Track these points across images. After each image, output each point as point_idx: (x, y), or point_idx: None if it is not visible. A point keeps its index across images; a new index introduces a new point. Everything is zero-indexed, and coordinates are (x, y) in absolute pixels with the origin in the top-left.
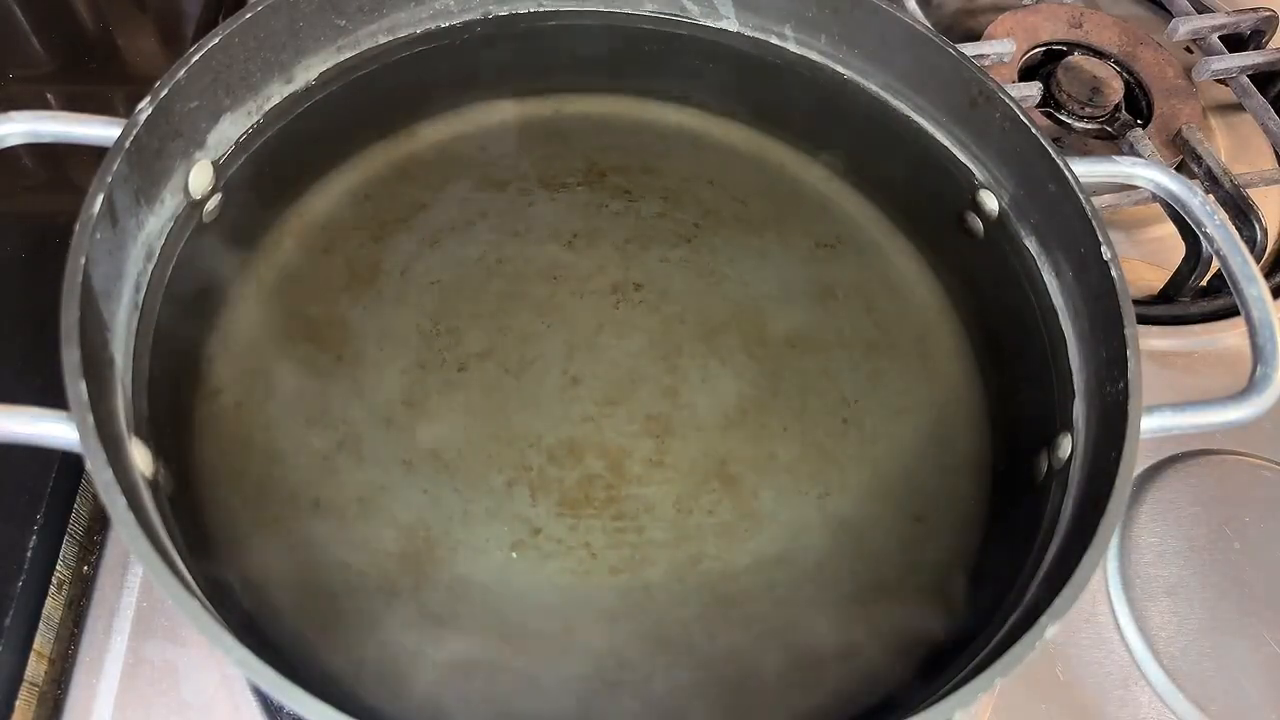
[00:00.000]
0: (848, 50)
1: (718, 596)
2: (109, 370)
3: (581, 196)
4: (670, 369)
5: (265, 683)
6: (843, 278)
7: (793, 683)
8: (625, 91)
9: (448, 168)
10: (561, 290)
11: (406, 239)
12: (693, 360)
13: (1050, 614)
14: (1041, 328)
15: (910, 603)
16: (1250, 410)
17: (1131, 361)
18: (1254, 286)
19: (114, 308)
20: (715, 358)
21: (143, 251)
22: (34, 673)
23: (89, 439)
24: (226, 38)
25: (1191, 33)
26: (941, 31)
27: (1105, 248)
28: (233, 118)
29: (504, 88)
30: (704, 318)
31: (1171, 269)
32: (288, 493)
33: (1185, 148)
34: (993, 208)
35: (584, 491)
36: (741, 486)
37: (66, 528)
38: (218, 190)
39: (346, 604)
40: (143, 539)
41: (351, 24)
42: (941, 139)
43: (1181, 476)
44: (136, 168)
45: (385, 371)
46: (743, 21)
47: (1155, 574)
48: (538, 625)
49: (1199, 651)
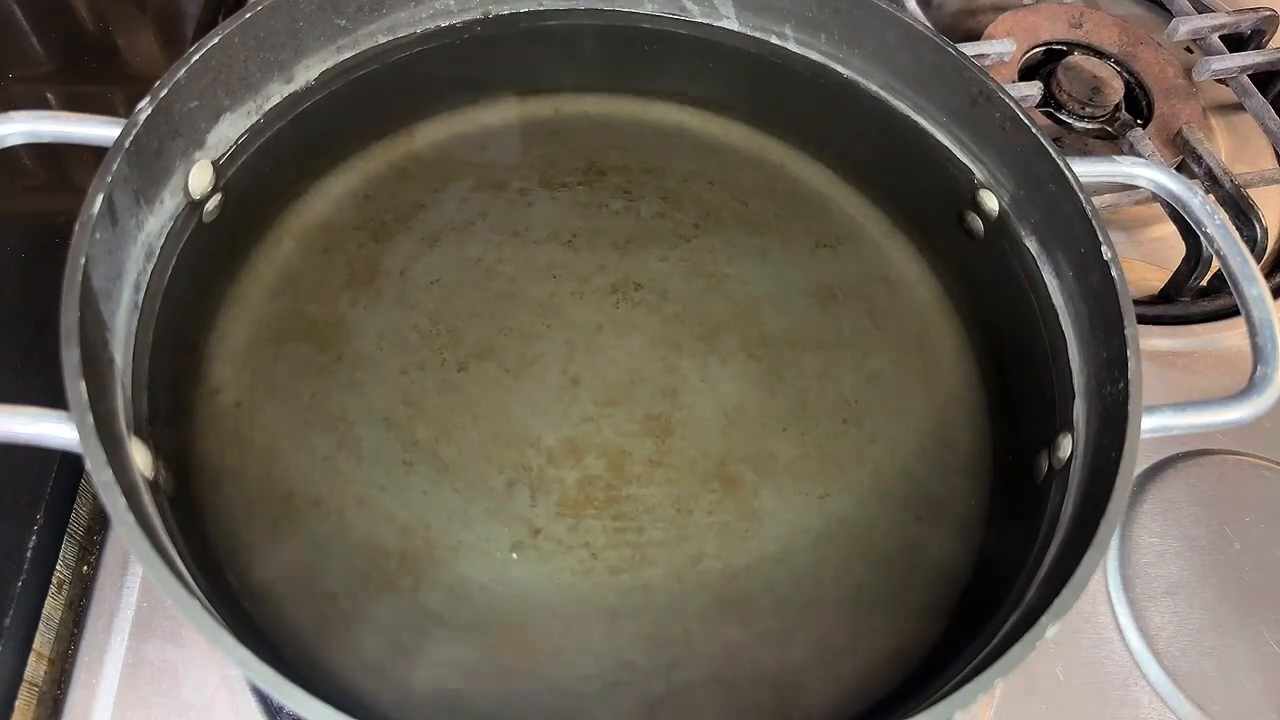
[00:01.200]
0: (848, 50)
1: (718, 597)
2: (109, 370)
3: (581, 196)
4: (670, 369)
5: (265, 683)
6: (843, 278)
7: (793, 683)
8: (625, 91)
9: (447, 168)
10: (561, 290)
11: (406, 239)
12: (693, 360)
13: (1050, 614)
14: (1042, 328)
15: (910, 603)
16: (1250, 410)
17: (1132, 361)
18: (1254, 286)
19: (114, 308)
20: (715, 358)
21: (142, 251)
22: (34, 673)
23: (88, 439)
24: (226, 37)
25: (1191, 32)
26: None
27: (1105, 247)
28: (232, 118)
29: (504, 87)
30: (704, 318)
31: (1172, 269)
32: (287, 492)
33: (1185, 148)
34: (993, 207)
35: (584, 492)
36: (741, 486)
37: (66, 528)
38: (217, 190)
39: (346, 604)
40: (142, 539)
41: (351, 24)
42: (941, 139)
43: (1182, 477)
44: (136, 168)
45: (385, 371)
46: (743, 21)
47: (1155, 574)
48: (537, 625)
49: (1199, 652)
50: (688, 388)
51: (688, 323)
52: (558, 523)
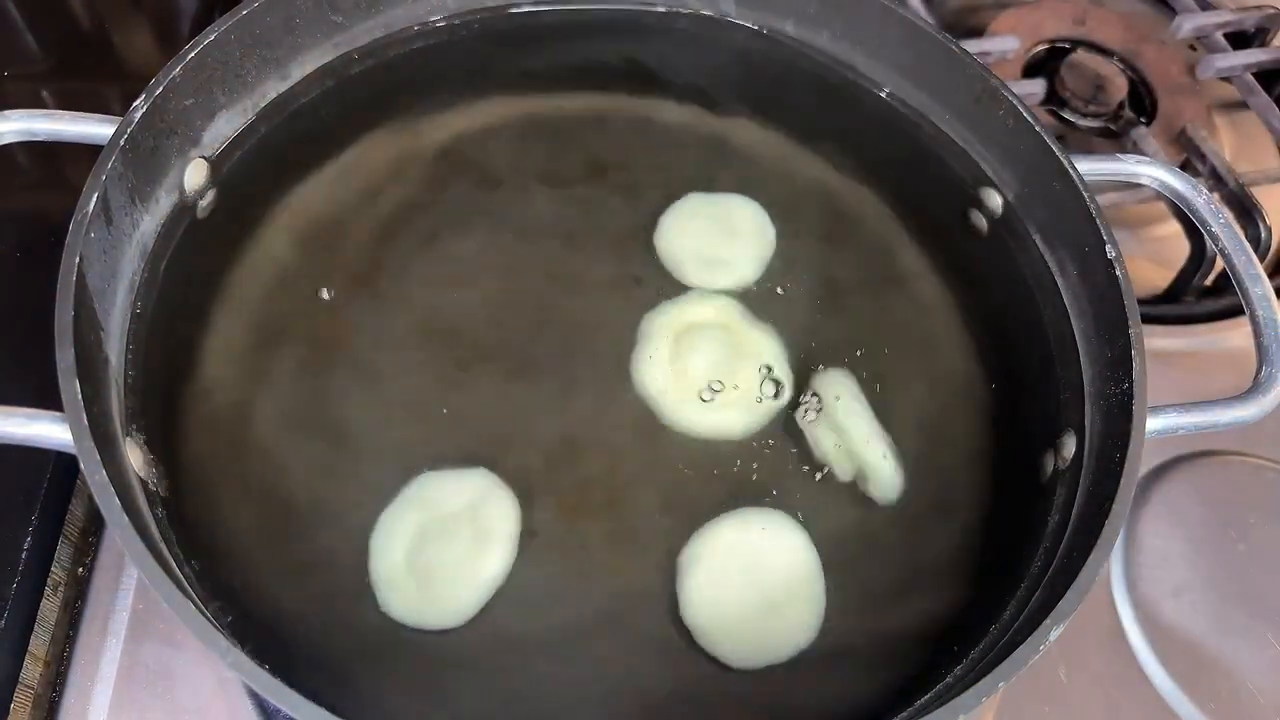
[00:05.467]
0: (850, 47)
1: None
2: (103, 370)
3: (581, 193)
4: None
5: (260, 686)
6: (845, 274)
7: (793, 685)
8: (625, 88)
9: (446, 165)
10: (561, 288)
11: (405, 237)
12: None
13: (1055, 616)
14: (1046, 327)
15: (915, 605)
16: (1255, 410)
17: (1136, 362)
18: (1259, 285)
19: (108, 307)
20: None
21: (138, 250)
22: (29, 675)
23: (83, 440)
24: (222, 35)
25: (1195, 30)
26: (944, 28)
27: (1110, 246)
28: (228, 115)
29: (503, 84)
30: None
31: (1176, 268)
32: (284, 493)
33: (1189, 146)
34: (996, 205)
35: (583, 492)
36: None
37: (62, 529)
38: (213, 188)
39: (343, 606)
40: (137, 541)
41: (348, 20)
42: (945, 136)
43: (1186, 477)
44: (131, 166)
45: (383, 371)
46: (744, 18)
47: (1160, 575)
48: (536, 626)
49: (1204, 653)
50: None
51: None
52: (556, 523)
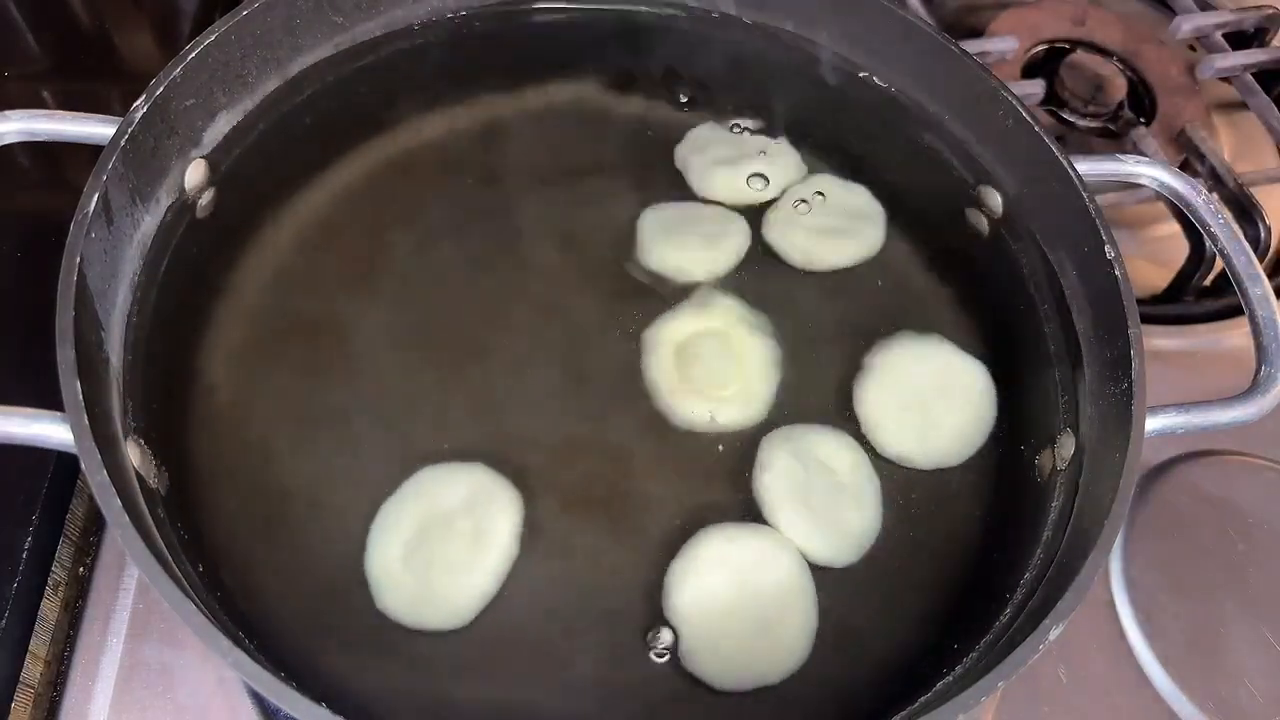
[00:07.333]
0: (849, 46)
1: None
2: (104, 370)
3: (582, 191)
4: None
5: (261, 685)
6: (845, 274)
7: (792, 684)
8: (626, 86)
9: (445, 164)
10: (561, 287)
11: (403, 237)
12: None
13: (1054, 616)
14: (1045, 326)
15: (913, 605)
16: (1254, 410)
17: (1135, 361)
18: (1258, 286)
19: (109, 307)
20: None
21: (138, 250)
22: (30, 675)
23: (84, 440)
24: (223, 35)
25: (1195, 30)
26: (944, 28)
27: (1109, 246)
28: (229, 116)
29: (503, 83)
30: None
31: (1175, 268)
32: (284, 493)
33: (1189, 146)
34: (995, 205)
35: (585, 490)
36: (743, 485)
37: (63, 529)
38: (214, 188)
39: (343, 605)
40: (138, 540)
41: (349, 21)
42: (944, 135)
43: (1185, 477)
44: (132, 166)
45: (383, 370)
46: (743, 17)
47: (1159, 575)
48: (538, 625)
49: (1203, 653)
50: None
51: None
52: (559, 521)
